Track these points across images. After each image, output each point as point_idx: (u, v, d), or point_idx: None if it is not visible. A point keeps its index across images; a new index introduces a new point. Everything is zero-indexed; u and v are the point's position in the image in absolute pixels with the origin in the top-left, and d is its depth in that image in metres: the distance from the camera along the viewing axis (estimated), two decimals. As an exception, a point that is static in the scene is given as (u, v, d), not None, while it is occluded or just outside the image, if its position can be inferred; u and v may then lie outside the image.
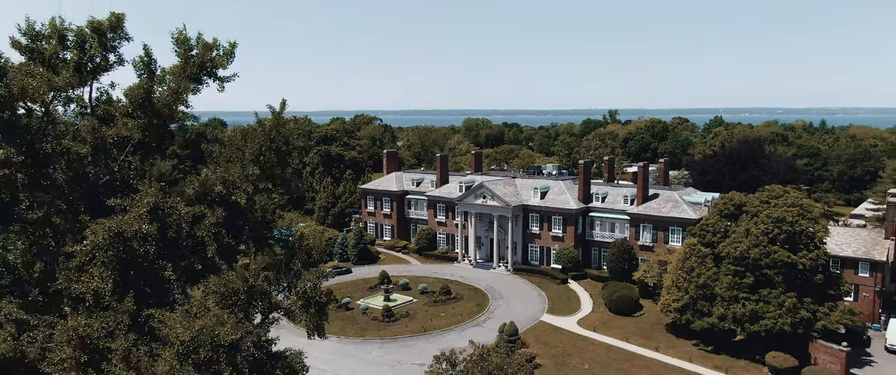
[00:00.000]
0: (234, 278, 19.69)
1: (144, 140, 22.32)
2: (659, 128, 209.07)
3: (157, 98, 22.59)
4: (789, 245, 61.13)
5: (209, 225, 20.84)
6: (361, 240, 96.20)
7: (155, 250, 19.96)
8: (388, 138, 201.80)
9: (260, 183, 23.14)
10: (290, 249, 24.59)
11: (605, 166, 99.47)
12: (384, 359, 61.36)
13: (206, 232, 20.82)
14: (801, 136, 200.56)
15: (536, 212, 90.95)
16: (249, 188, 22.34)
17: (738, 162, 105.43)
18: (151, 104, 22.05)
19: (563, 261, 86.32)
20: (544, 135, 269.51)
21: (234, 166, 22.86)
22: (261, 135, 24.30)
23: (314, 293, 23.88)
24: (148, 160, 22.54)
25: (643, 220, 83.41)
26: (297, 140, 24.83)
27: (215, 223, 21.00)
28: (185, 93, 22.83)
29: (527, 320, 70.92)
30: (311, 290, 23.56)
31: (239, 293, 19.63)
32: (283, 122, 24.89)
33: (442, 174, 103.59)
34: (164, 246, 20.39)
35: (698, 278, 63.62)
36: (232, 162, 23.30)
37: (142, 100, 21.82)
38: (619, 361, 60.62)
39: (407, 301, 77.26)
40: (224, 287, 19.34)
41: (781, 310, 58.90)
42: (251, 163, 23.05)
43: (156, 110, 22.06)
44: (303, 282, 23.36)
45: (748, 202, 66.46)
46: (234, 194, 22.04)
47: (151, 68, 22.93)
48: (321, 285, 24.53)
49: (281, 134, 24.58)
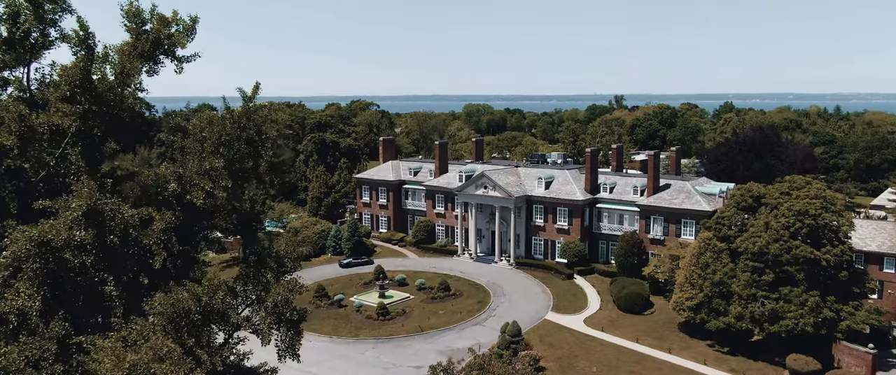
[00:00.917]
0: (185, 297, 17.16)
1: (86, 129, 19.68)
2: (667, 115, 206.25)
3: (101, 80, 19.91)
4: (812, 239, 58.71)
5: (157, 231, 18.27)
6: (356, 233, 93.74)
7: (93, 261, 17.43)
8: (385, 125, 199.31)
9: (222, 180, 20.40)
10: (258, 256, 21.89)
11: (613, 154, 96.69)
12: (378, 361, 59.06)
13: (153, 240, 18.25)
14: (816, 123, 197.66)
15: (540, 204, 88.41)
16: (208, 185, 19.59)
17: (753, 150, 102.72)
18: (92, 87, 19.39)
19: (568, 255, 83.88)
20: (548, 122, 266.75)
21: (191, 160, 20.21)
22: (229, 123, 21.61)
23: (286, 309, 21.28)
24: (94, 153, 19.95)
25: (654, 212, 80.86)
26: (271, 129, 22.16)
27: (164, 228, 18.40)
28: (136, 75, 20.13)
29: (530, 318, 68.59)
30: (282, 305, 20.93)
31: (191, 314, 17.14)
32: (256, 109, 22.23)
33: (441, 163, 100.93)
34: (105, 257, 17.84)
35: (714, 275, 61.20)
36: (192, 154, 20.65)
37: (79, 82, 19.13)
38: (629, 363, 58.32)
39: (403, 297, 74.91)
40: (172, 307, 16.82)
41: (803, 310, 56.53)
42: (212, 156, 20.36)
43: (98, 94, 19.41)
44: (273, 296, 20.67)
45: (768, 193, 63.92)
46: (191, 193, 19.36)
47: (89, 44, 20.23)
48: (294, 299, 21.89)
49: (252, 122, 21.92)
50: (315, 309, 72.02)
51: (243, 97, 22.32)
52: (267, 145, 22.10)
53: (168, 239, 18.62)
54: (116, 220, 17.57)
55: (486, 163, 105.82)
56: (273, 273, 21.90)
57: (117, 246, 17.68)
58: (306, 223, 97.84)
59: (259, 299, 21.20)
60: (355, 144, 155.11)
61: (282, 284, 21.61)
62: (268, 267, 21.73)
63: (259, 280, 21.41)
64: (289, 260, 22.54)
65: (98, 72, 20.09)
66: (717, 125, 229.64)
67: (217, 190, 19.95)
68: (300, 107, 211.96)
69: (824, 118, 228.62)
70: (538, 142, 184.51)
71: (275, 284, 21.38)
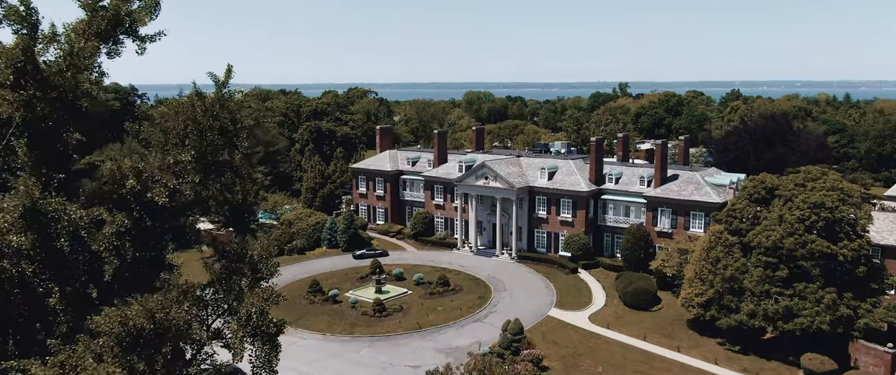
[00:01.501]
0: (137, 313, 15.32)
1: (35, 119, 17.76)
2: (673, 102, 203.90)
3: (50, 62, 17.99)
4: (828, 233, 56.95)
5: (108, 235, 16.41)
6: (352, 225, 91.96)
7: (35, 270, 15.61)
8: (383, 113, 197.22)
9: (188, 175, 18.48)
10: (230, 261, 19.99)
11: (619, 144, 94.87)
12: (374, 360, 57.43)
13: (103, 246, 16.40)
14: (826, 111, 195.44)
15: (543, 195, 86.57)
16: (171, 181, 17.67)
17: (764, 139, 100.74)
18: (36, 70, 17.46)
19: (572, 249, 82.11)
20: (550, 110, 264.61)
21: (152, 153, 18.32)
22: (200, 111, 19.73)
23: (261, 321, 19.42)
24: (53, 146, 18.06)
25: (661, 204, 79.04)
26: (248, 117, 20.29)
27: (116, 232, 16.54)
28: (90, 57, 18.20)
29: (533, 315, 66.93)
30: (257, 317, 19.06)
31: (144, 332, 15.31)
32: (230, 95, 20.35)
33: (440, 152, 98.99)
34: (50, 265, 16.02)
35: (725, 270, 59.46)
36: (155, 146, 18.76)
37: (21, 65, 17.19)
38: (635, 363, 56.69)
39: (401, 293, 73.23)
40: (121, 326, 14.99)
41: (819, 307, 54.83)
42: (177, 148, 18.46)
43: (44, 79, 17.48)
44: (246, 306, 18.75)
45: (781, 185, 62.07)
46: (152, 190, 17.48)
47: (33, 21, 18.27)
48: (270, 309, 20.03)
49: (226, 109, 20.04)
50: (309, 304, 70.47)
51: (216, 82, 20.43)
52: (242, 135, 20.19)
53: (121, 245, 16.80)
54: (62, 223, 15.74)
55: (486, 152, 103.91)
56: (247, 280, 19.95)
57: (66, 252, 15.87)
58: (300, 214, 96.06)
59: (231, 309, 19.27)
60: (352, 133, 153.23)
61: (257, 293, 19.68)
62: (241, 274, 19.77)
63: (231, 288, 19.47)
64: (265, 266, 20.57)
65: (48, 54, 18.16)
66: (723, 113, 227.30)
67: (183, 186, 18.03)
68: (296, 94, 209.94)
69: (834, 106, 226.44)
70: (540, 131, 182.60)
71: (248, 293, 19.46)
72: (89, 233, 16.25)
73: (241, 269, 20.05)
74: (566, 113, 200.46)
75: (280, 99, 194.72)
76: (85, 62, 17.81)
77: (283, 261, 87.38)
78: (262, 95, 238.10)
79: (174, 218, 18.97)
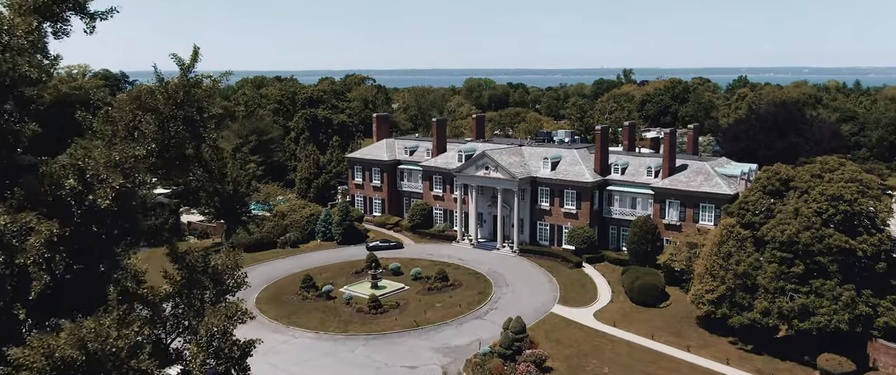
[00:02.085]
0: (66, 342, 13.23)
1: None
2: (679, 89, 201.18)
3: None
4: (846, 227, 54.96)
5: (36, 247, 14.33)
6: (347, 217, 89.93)
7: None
8: (381, 100, 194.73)
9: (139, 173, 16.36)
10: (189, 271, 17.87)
11: (624, 132, 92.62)
12: (369, 360, 55.58)
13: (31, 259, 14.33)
14: (837, 98, 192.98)
15: (546, 186, 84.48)
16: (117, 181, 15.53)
17: (775, 127, 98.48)
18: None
19: (576, 242, 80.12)
20: (553, 97, 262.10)
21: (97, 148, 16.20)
22: (162, 99, 17.64)
23: (225, 343, 17.33)
24: None
25: (669, 195, 76.96)
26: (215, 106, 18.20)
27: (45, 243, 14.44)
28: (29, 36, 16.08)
29: (535, 312, 65.07)
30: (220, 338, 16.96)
31: (74, 365, 13.25)
32: (196, 81, 18.24)
33: (439, 141, 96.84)
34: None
35: (737, 265, 57.49)
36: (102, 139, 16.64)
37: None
38: (643, 363, 54.85)
39: (397, 288, 71.32)
40: (45, 359, 12.93)
41: (837, 305, 52.90)
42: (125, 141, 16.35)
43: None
44: (206, 326, 16.62)
45: (797, 176, 60.00)
46: (95, 191, 15.37)
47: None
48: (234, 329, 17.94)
49: (192, 97, 17.94)
50: (301, 300, 68.63)
51: (180, 66, 18.28)
52: (211, 126, 18.10)
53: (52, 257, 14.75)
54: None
55: (487, 141, 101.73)
56: (210, 293, 17.84)
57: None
58: (294, 206, 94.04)
59: (191, 328, 17.13)
60: (349, 121, 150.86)
61: (220, 309, 17.54)
62: (201, 287, 17.64)
63: (191, 303, 17.31)
64: (231, 277, 18.44)
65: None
66: (730, 100, 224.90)
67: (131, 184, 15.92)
68: (292, 81, 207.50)
69: (845, 93, 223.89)
70: (543, 119, 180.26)
71: (210, 310, 17.33)
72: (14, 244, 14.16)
73: (202, 281, 17.84)
74: (569, 100, 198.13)
75: (275, 86, 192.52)
76: (20, 42, 15.72)
77: (275, 255, 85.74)
78: (257, 82, 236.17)
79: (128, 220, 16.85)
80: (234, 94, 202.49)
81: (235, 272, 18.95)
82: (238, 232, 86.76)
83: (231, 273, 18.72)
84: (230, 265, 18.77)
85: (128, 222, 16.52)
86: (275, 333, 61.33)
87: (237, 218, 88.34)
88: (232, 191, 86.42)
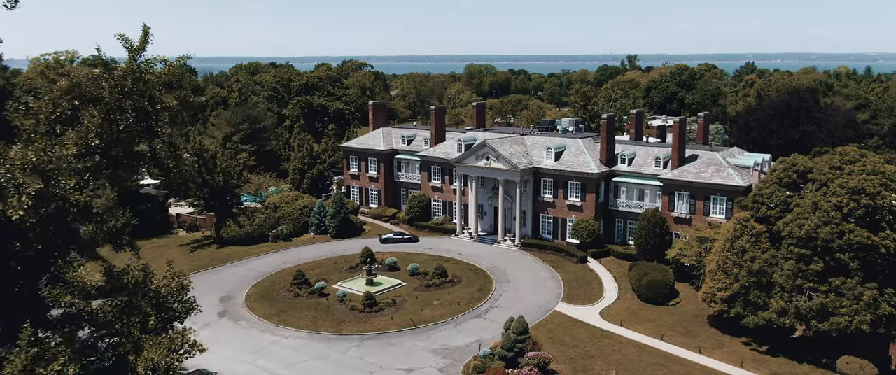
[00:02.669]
0: None
1: None
2: (686, 76, 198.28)
3: None
4: (868, 222, 52.70)
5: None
6: (342, 209, 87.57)
7: None
8: (379, 87, 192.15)
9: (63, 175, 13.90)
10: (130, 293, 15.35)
11: (631, 121, 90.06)
12: (362, 362, 53.40)
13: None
14: (848, 85, 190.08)
15: (550, 177, 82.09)
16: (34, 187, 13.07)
17: (788, 115, 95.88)
18: None
19: (581, 236, 77.83)
20: (555, 84, 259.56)
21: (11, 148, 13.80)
22: (107, 87, 15.25)
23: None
24: None
25: (679, 187, 74.59)
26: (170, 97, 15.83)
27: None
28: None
29: (538, 310, 62.91)
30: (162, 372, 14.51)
31: None
32: (148, 67, 15.85)
33: (437, 130, 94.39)
34: None
35: (752, 262, 55.23)
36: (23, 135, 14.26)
37: None
38: (653, 366, 52.67)
39: (394, 285, 69.10)
40: None
41: (858, 305, 50.70)
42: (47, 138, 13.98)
43: None
44: (144, 361, 14.12)
45: (815, 168, 57.64)
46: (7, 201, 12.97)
47: None
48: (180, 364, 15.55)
49: (143, 85, 15.55)
50: (293, 297, 66.43)
51: (128, 49, 15.88)
52: (162, 116, 15.73)
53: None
54: None
55: (488, 130, 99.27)
56: (155, 320, 15.36)
57: None
58: (287, 197, 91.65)
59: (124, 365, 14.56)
60: (346, 109, 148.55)
61: (162, 341, 15.05)
62: (139, 313, 15.14)
63: (129, 333, 14.76)
64: (177, 301, 15.94)
65: None
66: (738, 87, 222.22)
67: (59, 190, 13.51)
68: (287, 68, 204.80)
69: (856, 80, 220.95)
70: (545, 106, 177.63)
71: (150, 342, 14.86)
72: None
73: (142, 307, 15.29)
74: (572, 87, 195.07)
75: (270, 72, 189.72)
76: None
77: (267, 249, 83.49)
78: (252, 68, 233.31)
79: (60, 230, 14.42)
80: (228, 81, 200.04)
81: (183, 295, 16.49)
82: (228, 224, 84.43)
83: (177, 296, 16.22)
84: (176, 287, 16.27)
85: (60, 232, 14.15)
86: (264, 333, 59.25)
87: (227, 210, 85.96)
88: (222, 182, 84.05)
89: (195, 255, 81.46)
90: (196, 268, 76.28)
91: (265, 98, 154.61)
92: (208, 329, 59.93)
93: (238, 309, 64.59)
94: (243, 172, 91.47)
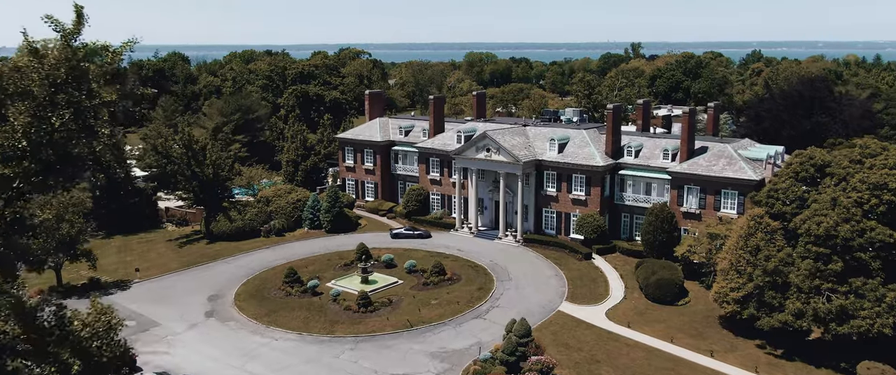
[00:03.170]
0: None
1: None
2: (692, 64, 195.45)
3: None
4: (891, 220, 50.37)
5: None
6: (337, 202, 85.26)
7: None
8: (377, 76, 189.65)
9: None
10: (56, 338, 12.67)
11: (638, 111, 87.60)
12: (356, 366, 51.29)
13: None
14: (858, 74, 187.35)
15: (553, 169, 79.73)
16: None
17: (801, 105, 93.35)
18: None
19: (585, 231, 75.57)
20: (558, 72, 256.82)
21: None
22: (35, 78, 12.99)
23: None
24: None
25: (688, 181, 72.27)
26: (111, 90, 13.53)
27: None
28: None
29: (541, 310, 60.78)
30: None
31: None
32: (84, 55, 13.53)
33: (436, 120, 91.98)
34: None
35: (766, 261, 53.02)
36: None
37: None
38: (662, 371, 50.56)
39: (390, 283, 66.93)
40: None
41: (880, 307, 48.53)
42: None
43: None
44: None
45: (834, 161, 55.35)
46: None
47: None
48: None
49: (78, 75, 13.27)
50: (285, 296, 64.32)
51: (60, 32, 13.54)
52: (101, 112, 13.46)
53: None
54: None
55: (488, 120, 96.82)
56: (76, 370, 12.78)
57: None
58: (280, 190, 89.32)
59: None
60: (343, 98, 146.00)
61: None
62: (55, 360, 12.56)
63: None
64: (104, 344, 13.27)
65: None
66: (745, 76, 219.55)
67: None
68: (283, 56, 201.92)
69: (865, 68, 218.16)
70: (548, 95, 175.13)
71: None
72: None
73: (59, 354, 12.69)
74: (575, 75, 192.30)
75: (264, 60, 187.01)
76: None
77: (258, 244, 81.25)
78: (246, 56, 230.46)
79: None
80: (222, 69, 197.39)
81: (111, 335, 13.92)
82: (219, 219, 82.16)
83: (103, 337, 13.49)
84: (102, 326, 13.55)
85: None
86: (254, 334, 57.16)
87: (218, 203, 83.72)
88: (212, 175, 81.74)
89: (184, 251, 79.24)
90: (185, 265, 74.19)
91: (259, 87, 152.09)
92: (195, 330, 57.89)
93: (227, 308, 62.45)
94: (235, 164, 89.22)
